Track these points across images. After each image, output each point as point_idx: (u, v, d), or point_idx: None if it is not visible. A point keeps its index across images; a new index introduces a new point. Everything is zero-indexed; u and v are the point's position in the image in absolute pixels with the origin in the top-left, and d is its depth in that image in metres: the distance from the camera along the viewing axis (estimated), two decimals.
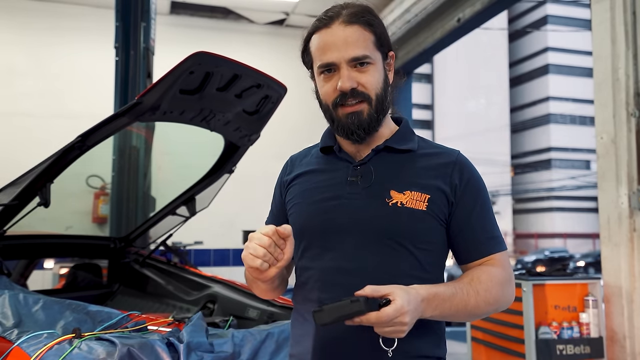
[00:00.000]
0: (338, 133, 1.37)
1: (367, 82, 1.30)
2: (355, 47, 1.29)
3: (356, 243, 1.29)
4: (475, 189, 1.35)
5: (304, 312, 1.35)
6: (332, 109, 1.33)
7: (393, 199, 1.29)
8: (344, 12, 1.31)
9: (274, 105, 2.91)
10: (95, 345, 1.68)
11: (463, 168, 1.35)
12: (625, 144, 3.61)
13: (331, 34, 1.30)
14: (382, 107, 1.34)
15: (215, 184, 3.37)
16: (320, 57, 1.32)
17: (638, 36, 3.62)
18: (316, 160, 1.46)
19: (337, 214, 1.32)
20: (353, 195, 1.33)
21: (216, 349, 1.86)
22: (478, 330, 4.09)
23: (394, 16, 6.34)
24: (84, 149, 2.43)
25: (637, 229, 3.54)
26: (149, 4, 4.97)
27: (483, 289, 1.25)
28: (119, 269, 3.59)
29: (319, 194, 1.37)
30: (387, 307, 1.08)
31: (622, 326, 3.58)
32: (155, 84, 2.33)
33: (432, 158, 1.36)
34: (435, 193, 1.30)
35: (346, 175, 1.36)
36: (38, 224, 3.95)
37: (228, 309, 3.02)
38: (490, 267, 1.30)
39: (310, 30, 1.36)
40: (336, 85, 1.30)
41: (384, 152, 1.37)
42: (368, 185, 1.33)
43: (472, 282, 1.25)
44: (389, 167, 1.35)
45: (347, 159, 1.39)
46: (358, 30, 1.30)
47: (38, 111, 6.73)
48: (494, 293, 1.26)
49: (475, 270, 1.30)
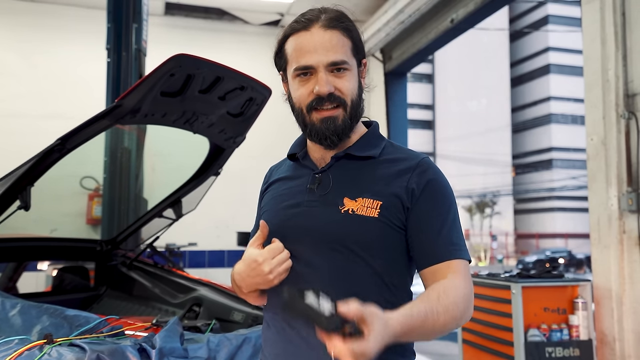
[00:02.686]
0: (310, 138, 1.36)
1: (343, 87, 1.29)
2: (335, 52, 1.27)
3: (312, 251, 1.28)
4: (435, 193, 1.30)
5: (269, 317, 1.36)
6: (305, 112, 1.32)
7: (345, 207, 1.28)
8: (323, 17, 1.30)
9: (258, 108, 2.90)
10: (65, 352, 1.67)
11: (423, 172, 1.31)
12: (615, 146, 3.60)
13: (310, 37, 1.28)
14: (355, 114, 1.34)
15: (201, 186, 3.36)
16: (298, 59, 1.29)
17: (627, 37, 3.60)
18: (287, 168, 1.47)
19: (295, 221, 1.32)
20: (311, 203, 1.33)
21: (190, 354, 1.85)
22: (468, 332, 4.08)
23: (388, 17, 6.32)
24: (63, 152, 2.42)
25: (626, 231, 3.53)
26: (141, 5, 4.96)
27: (451, 303, 1.18)
28: (106, 271, 3.58)
29: (283, 201, 1.38)
30: (356, 343, 0.96)
31: (611, 328, 3.56)
32: (134, 87, 2.32)
33: (393, 164, 1.34)
34: (388, 199, 1.27)
35: (307, 183, 1.36)
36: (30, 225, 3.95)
37: (213, 312, 3.01)
38: (454, 279, 1.24)
39: (286, 31, 1.34)
40: (312, 89, 1.28)
41: (345, 159, 1.36)
42: (325, 193, 1.32)
43: (440, 299, 1.18)
44: (347, 175, 1.34)
45: (310, 166, 1.39)
46: (337, 35, 1.29)
47: (29, 112, 6.71)
48: (461, 308, 1.21)
49: (440, 285, 1.23)
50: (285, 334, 1.29)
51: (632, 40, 3.59)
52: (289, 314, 1.06)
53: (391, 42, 6.87)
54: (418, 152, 1.40)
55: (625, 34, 3.61)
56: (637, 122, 3.52)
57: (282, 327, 1.30)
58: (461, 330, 4.18)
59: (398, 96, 7.34)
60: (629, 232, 3.51)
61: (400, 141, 7.13)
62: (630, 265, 3.49)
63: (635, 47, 3.57)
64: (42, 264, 5.96)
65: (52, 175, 2.79)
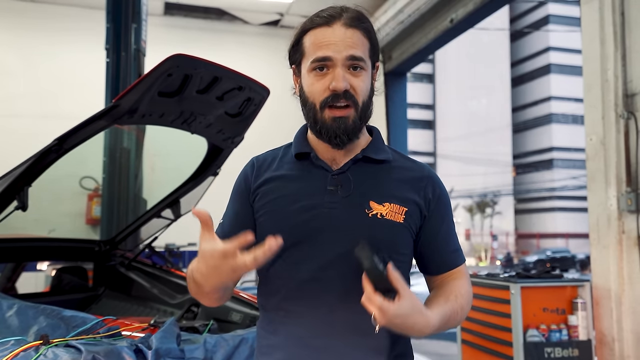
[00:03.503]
0: (319, 136, 1.33)
1: (358, 86, 1.29)
2: (356, 47, 1.28)
3: (335, 253, 1.27)
4: (445, 204, 1.39)
5: (277, 322, 1.31)
6: (318, 109, 1.30)
7: (373, 210, 1.29)
8: (345, 15, 1.30)
9: (256, 108, 2.89)
10: (60, 353, 1.66)
11: (435, 183, 1.38)
12: (614, 146, 3.59)
13: (332, 32, 1.28)
14: (365, 115, 1.33)
15: (200, 187, 3.35)
16: (316, 52, 1.28)
17: (627, 37, 3.60)
18: (288, 166, 1.40)
19: (316, 223, 1.29)
20: (332, 205, 1.30)
21: (187, 355, 1.84)
22: (467, 333, 4.07)
23: (388, 17, 6.32)
24: (61, 153, 2.42)
25: (625, 231, 3.52)
26: (140, 5, 4.96)
27: (466, 303, 1.33)
28: (105, 272, 3.57)
29: (295, 202, 1.32)
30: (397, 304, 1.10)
31: (611, 329, 3.56)
32: (132, 87, 2.32)
33: (405, 171, 1.38)
34: (411, 206, 1.32)
35: (324, 184, 1.33)
36: (30, 226, 3.95)
37: (211, 312, 3.00)
38: (461, 280, 1.38)
39: (306, 25, 1.32)
40: (328, 85, 1.27)
41: (362, 161, 1.36)
42: (347, 195, 1.31)
43: (457, 299, 1.31)
44: (367, 177, 1.34)
45: (324, 166, 1.35)
46: (358, 34, 1.29)
47: (29, 112, 6.72)
48: (468, 307, 1.36)
49: (453, 286, 1.36)
50: (303, 338, 1.26)
51: (631, 40, 3.58)
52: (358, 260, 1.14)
53: (391, 42, 6.87)
54: (419, 161, 1.45)
55: (625, 34, 3.60)
56: (636, 122, 3.52)
57: (296, 331, 1.27)
58: (460, 331, 4.17)
59: (398, 96, 7.33)
60: (628, 232, 3.51)
61: (400, 141, 7.10)
62: (630, 265, 3.48)
63: (634, 47, 3.57)
64: (42, 264, 5.96)
65: (52, 175, 2.79)
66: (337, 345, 1.25)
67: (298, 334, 1.27)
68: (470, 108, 52.73)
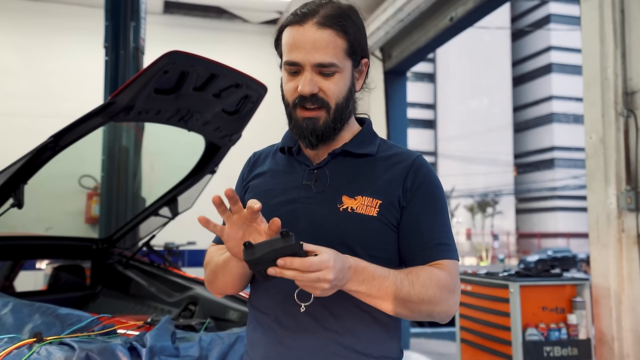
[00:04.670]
0: (293, 133, 1.34)
1: (328, 89, 1.27)
2: (323, 53, 1.24)
3: None
4: (428, 193, 1.30)
5: (257, 319, 1.33)
6: (291, 107, 1.30)
7: (344, 204, 1.27)
8: (320, 12, 1.26)
9: (254, 105, 2.89)
10: (54, 350, 1.65)
11: (418, 171, 1.31)
12: (614, 144, 3.57)
13: (302, 33, 1.25)
14: (340, 117, 1.31)
15: (197, 185, 3.34)
16: (288, 53, 1.28)
17: (626, 35, 3.58)
18: (277, 161, 1.43)
19: (291, 217, 1.29)
20: (307, 200, 1.30)
21: (182, 353, 1.83)
22: (466, 332, 4.06)
23: (387, 15, 6.29)
24: (56, 150, 2.41)
25: (625, 230, 3.50)
26: (139, 3, 4.95)
27: (419, 283, 1.18)
28: (102, 270, 3.56)
29: (275, 197, 1.34)
30: (314, 257, 1.05)
31: (610, 328, 3.54)
32: (127, 84, 2.31)
33: (390, 162, 1.34)
34: (386, 198, 1.27)
35: (302, 179, 1.34)
36: (30, 224, 3.94)
37: (209, 310, 2.99)
38: (434, 268, 1.24)
39: (284, 22, 1.32)
40: (297, 87, 1.27)
41: (341, 156, 1.34)
42: (322, 190, 1.30)
43: (410, 275, 1.19)
44: (344, 172, 1.32)
45: (305, 162, 1.36)
46: (330, 35, 1.25)
47: (28, 110, 6.70)
48: (430, 292, 1.19)
49: (417, 267, 1.24)
50: (276, 335, 1.27)
51: (631, 38, 3.56)
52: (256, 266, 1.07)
53: (390, 41, 6.84)
54: (412, 150, 1.39)
55: (624, 32, 3.58)
56: (636, 120, 3.50)
57: (273, 328, 1.28)
58: (459, 330, 4.16)
59: (398, 95, 7.30)
60: (628, 230, 3.49)
61: (400, 140, 7.06)
62: (629, 264, 3.46)
63: (634, 44, 3.55)
64: (41, 262, 5.95)
65: (51, 174, 2.78)
66: (308, 341, 1.24)
67: (273, 331, 1.28)
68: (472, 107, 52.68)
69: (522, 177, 53.73)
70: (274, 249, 1.03)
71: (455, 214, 46.24)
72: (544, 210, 51.72)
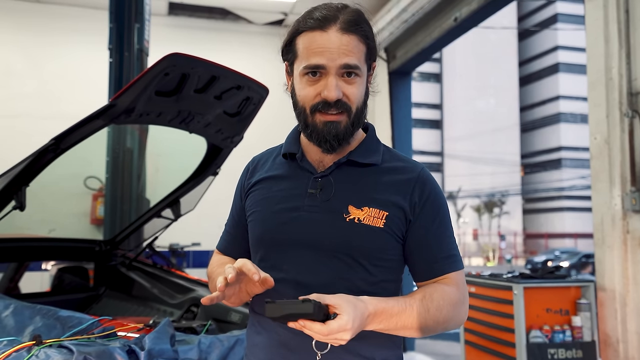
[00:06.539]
0: (310, 139, 1.32)
1: (352, 94, 1.26)
2: (350, 56, 1.24)
3: (312, 257, 1.26)
4: (435, 207, 1.32)
5: (261, 323, 1.33)
6: (309, 113, 1.28)
7: (351, 215, 1.26)
8: (342, 18, 1.25)
9: (255, 107, 2.88)
10: (52, 353, 1.66)
11: (424, 185, 1.32)
12: (619, 145, 3.54)
13: (327, 38, 1.23)
14: (358, 120, 1.31)
15: (200, 186, 3.35)
16: (309, 58, 1.24)
17: (631, 35, 3.55)
18: (279, 166, 1.41)
19: (294, 226, 1.28)
20: (312, 208, 1.29)
21: (181, 356, 1.83)
22: (470, 333, 4.04)
23: (392, 15, 6.28)
24: (58, 152, 2.41)
25: (630, 231, 3.47)
26: (143, 5, 4.96)
27: (434, 307, 1.22)
28: (105, 272, 3.57)
29: (278, 203, 1.33)
30: (333, 321, 1.06)
31: (615, 330, 3.51)
32: (128, 86, 2.31)
33: (394, 173, 1.33)
34: (393, 210, 1.27)
35: (307, 187, 1.32)
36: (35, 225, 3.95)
37: (211, 312, 2.99)
38: (444, 285, 1.28)
39: (301, 26, 1.28)
40: (319, 91, 1.25)
41: (346, 165, 1.33)
42: (327, 199, 1.29)
43: (424, 300, 1.22)
44: (350, 181, 1.31)
45: (309, 169, 1.34)
46: (354, 40, 1.25)
47: (32, 112, 6.72)
48: (444, 312, 1.23)
49: (428, 288, 1.27)
50: (280, 338, 1.27)
51: (635, 38, 3.54)
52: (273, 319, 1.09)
53: (395, 41, 6.83)
54: (415, 161, 1.39)
55: (629, 32, 3.56)
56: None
57: (277, 331, 1.28)
58: (463, 331, 4.15)
59: (402, 95, 7.28)
60: (633, 232, 3.46)
61: (404, 141, 7.03)
62: (634, 265, 3.44)
63: (638, 45, 3.52)
64: (47, 264, 5.98)
65: (56, 175, 2.78)
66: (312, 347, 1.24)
67: (277, 335, 1.28)
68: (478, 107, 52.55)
69: (529, 177, 53.53)
70: (293, 313, 1.06)
71: (462, 215, 46.15)
72: (551, 210, 51.50)
